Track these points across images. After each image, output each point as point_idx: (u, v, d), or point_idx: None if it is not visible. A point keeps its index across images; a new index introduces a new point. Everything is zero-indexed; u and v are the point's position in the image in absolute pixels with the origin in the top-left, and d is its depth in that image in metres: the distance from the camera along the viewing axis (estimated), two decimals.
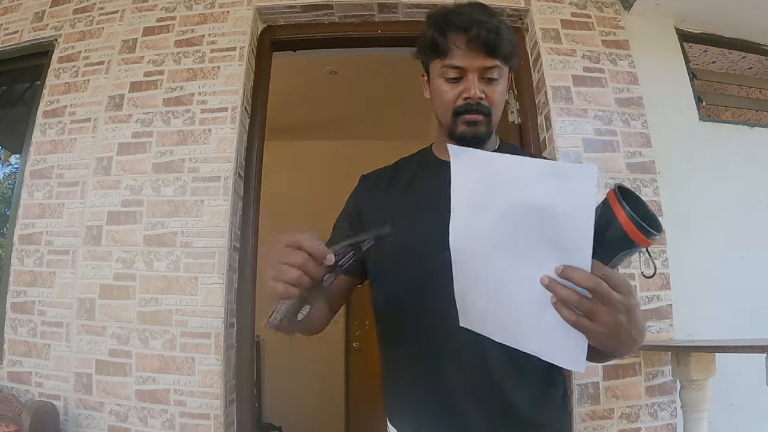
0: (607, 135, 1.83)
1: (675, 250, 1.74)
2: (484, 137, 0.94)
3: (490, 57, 0.89)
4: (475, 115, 0.90)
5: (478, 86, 0.89)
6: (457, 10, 0.91)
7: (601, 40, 1.96)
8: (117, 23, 2.06)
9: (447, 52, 0.90)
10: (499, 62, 0.90)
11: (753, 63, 2.50)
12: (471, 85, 0.89)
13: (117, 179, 1.83)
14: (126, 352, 1.68)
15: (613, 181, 1.76)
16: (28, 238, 1.86)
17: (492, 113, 0.92)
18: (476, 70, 0.89)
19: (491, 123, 0.93)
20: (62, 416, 1.66)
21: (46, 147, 1.94)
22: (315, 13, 2.05)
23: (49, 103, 1.99)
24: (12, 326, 1.80)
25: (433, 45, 0.92)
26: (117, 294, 1.73)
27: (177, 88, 1.91)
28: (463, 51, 0.89)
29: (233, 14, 1.99)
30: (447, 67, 0.91)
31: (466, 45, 0.88)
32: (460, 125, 0.92)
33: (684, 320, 1.70)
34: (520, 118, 2.00)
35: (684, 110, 1.96)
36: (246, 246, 1.83)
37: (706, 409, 1.47)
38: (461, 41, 0.88)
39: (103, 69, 1.99)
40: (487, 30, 0.87)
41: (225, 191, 1.77)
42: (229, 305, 1.72)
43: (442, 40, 0.90)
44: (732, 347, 1.30)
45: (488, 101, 0.91)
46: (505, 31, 0.89)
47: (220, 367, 1.63)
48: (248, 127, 1.94)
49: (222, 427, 1.60)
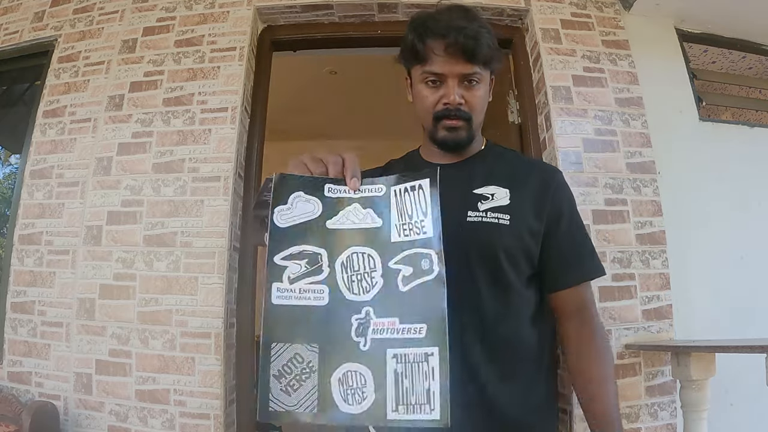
0: (607, 135, 1.83)
1: (675, 250, 1.74)
2: (465, 142, 0.96)
3: (469, 63, 0.90)
4: (454, 121, 0.92)
5: (457, 92, 0.91)
6: (436, 15, 0.92)
7: (601, 40, 1.96)
8: (117, 23, 2.06)
9: (426, 59, 0.91)
10: (478, 68, 0.91)
11: (753, 63, 2.50)
12: (450, 90, 0.91)
13: (117, 179, 1.83)
14: (126, 352, 1.68)
15: (613, 181, 1.78)
16: (28, 238, 1.85)
17: (473, 118, 0.94)
18: (455, 76, 0.90)
19: (472, 128, 0.95)
20: (62, 416, 1.66)
21: (46, 147, 1.94)
22: (315, 13, 2.05)
23: (49, 103, 1.99)
24: (12, 326, 1.80)
25: (413, 51, 0.93)
26: (117, 294, 1.73)
27: (177, 88, 1.91)
28: (442, 57, 0.90)
29: (233, 14, 1.99)
30: (427, 73, 0.92)
31: (445, 51, 0.89)
32: (441, 130, 0.94)
33: (684, 320, 1.70)
34: (520, 118, 2.00)
35: (684, 110, 1.96)
36: (246, 246, 1.82)
37: (706, 409, 1.47)
38: (439, 48, 0.89)
39: (103, 69, 1.99)
40: (465, 36, 0.88)
41: (225, 191, 1.77)
42: (229, 305, 1.72)
43: (421, 47, 0.91)
44: (732, 347, 1.30)
45: (468, 106, 0.92)
46: (484, 36, 0.90)
47: (220, 367, 1.63)
48: (248, 127, 1.94)
49: (222, 427, 1.60)
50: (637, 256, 1.72)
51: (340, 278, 0.70)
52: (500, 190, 0.94)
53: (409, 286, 0.69)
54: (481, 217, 0.91)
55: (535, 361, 0.95)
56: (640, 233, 1.74)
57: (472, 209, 0.92)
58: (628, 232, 1.73)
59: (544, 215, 0.95)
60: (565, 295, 0.97)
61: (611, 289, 1.67)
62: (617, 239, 1.72)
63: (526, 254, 0.93)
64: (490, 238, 0.90)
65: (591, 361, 0.92)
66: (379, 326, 0.67)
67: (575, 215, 1.02)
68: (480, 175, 0.97)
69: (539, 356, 0.96)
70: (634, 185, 1.78)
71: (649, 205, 1.77)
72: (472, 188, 0.94)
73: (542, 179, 0.99)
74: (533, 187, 0.97)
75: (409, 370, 0.65)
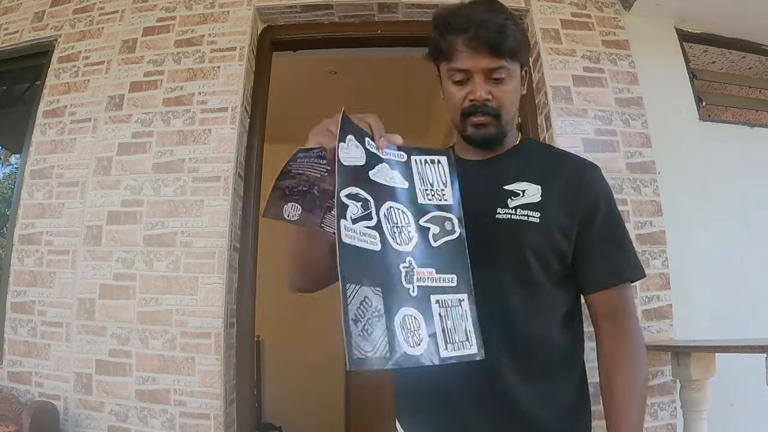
0: (607, 135, 1.83)
1: (675, 250, 1.74)
2: (494, 139, 0.94)
3: (495, 57, 0.87)
4: (482, 117, 0.90)
5: (484, 87, 0.88)
6: (458, 11, 0.90)
7: (601, 40, 1.96)
8: (117, 23, 2.06)
9: (451, 56, 0.89)
10: (504, 62, 0.88)
11: (753, 63, 2.50)
12: (476, 87, 0.88)
13: (117, 179, 1.83)
14: (126, 352, 1.68)
15: (613, 181, 1.77)
16: (28, 238, 1.86)
17: (502, 114, 0.91)
18: (481, 71, 0.88)
19: (501, 123, 0.92)
20: (62, 416, 1.66)
21: (46, 147, 1.94)
22: (315, 13, 2.05)
23: (49, 103, 1.99)
24: (12, 326, 1.80)
25: (437, 48, 0.91)
26: (117, 294, 1.73)
27: (177, 88, 1.91)
28: (466, 53, 0.87)
29: (233, 14, 1.99)
30: (452, 70, 0.90)
31: (468, 47, 0.87)
32: (469, 127, 0.92)
33: (684, 320, 1.70)
34: (520, 118, 2.00)
35: (684, 110, 1.96)
36: (246, 246, 1.83)
37: (706, 409, 1.47)
38: (462, 43, 0.87)
39: (103, 69, 1.99)
40: (488, 30, 0.85)
41: (225, 191, 1.77)
42: (229, 305, 1.72)
43: (444, 44, 0.89)
44: (732, 347, 1.31)
45: (496, 102, 0.90)
46: (510, 28, 0.87)
47: (220, 367, 1.63)
48: (248, 127, 1.94)
49: (222, 427, 1.60)
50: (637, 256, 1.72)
51: (386, 227, 0.74)
52: (532, 187, 0.91)
53: (439, 242, 0.78)
54: (510, 214, 0.89)
55: (565, 362, 0.92)
56: (640, 233, 1.74)
57: (501, 206, 0.90)
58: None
59: (576, 212, 0.91)
60: (599, 297, 0.92)
61: None
62: None
63: (557, 253, 0.90)
64: (518, 236, 0.88)
65: (617, 368, 0.87)
66: (420, 275, 0.74)
67: (612, 213, 0.97)
68: (512, 171, 0.94)
69: (570, 358, 0.92)
70: (634, 185, 1.78)
71: (649, 205, 1.77)
72: (503, 184, 0.92)
73: (575, 173, 0.96)
74: (565, 183, 0.93)
75: (449, 313, 0.74)
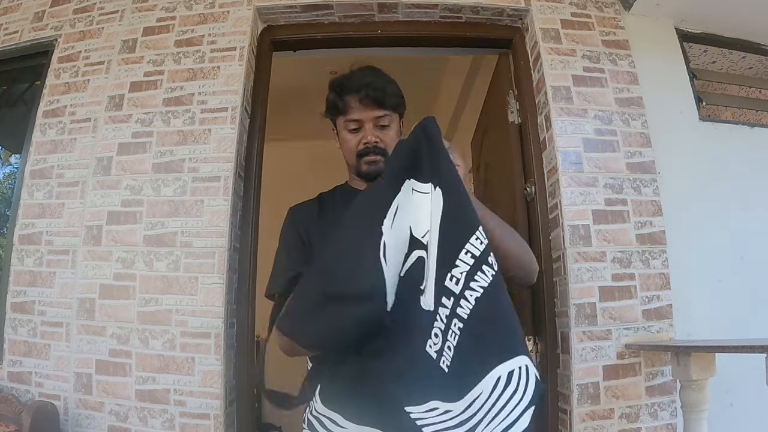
0: (607, 135, 1.83)
1: (675, 250, 1.74)
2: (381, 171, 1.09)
3: (380, 108, 1.16)
4: (373, 156, 1.16)
5: (373, 133, 1.16)
6: (351, 76, 1.19)
7: (601, 40, 1.96)
8: (117, 23, 2.06)
9: (347, 110, 1.17)
10: (388, 111, 1.17)
11: (753, 63, 2.50)
12: (368, 132, 1.16)
13: (117, 179, 1.83)
14: (126, 352, 1.68)
15: (613, 181, 1.78)
16: (28, 238, 1.85)
17: (387, 153, 1.15)
18: (370, 120, 1.16)
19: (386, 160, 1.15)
20: (62, 416, 1.66)
21: (46, 147, 1.94)
22: (315, 13, 2.05)
23: (49, 103, 1.99)
24: (12, 326, 1.80)
25: (335, 106, 1.19)
26: (117, 294, 1.73)
27: (177, 88, 1.91)
28: (358, 107, 1.16)
29: (233, 14, 1.99)
30: (348, 121, 1.18)
31: (360, 102, 1.15)
32: (363, 165, 1.17)
33: (684, 320, 1.70)
34: (520, 118, 2.01)
35: (684, 110, 1.96)
36: (246, 246, 1.82)
37: (706, 409, 1.47)
38: (355, 100, 1.16)
39: (103, 69, 1.99)
40: (374, 89, 1.14)
41: (225, 191, 1.77)
42: (229, 305, 1.72)
43: (341, 102, 1.17)
44: (732, 347, 1.30)
45: (383, 144, 1.16)
46: (390, 87, 1.17)
47: (220, 367, 1.63)
48: (248, 127, 1.94)
49: (222, 427, 1.60)
50: (637, 256, 1.72)
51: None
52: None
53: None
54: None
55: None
56: (640, 233, 1.74)
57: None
58: (628, 232, 1.73)
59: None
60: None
61: (611, 289, 1.68)
62: (617, 239, 1.72)
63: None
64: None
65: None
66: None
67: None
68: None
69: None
70: (634, 185, 1.78)
71: (649, 205, 1.77)
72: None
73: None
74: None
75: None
